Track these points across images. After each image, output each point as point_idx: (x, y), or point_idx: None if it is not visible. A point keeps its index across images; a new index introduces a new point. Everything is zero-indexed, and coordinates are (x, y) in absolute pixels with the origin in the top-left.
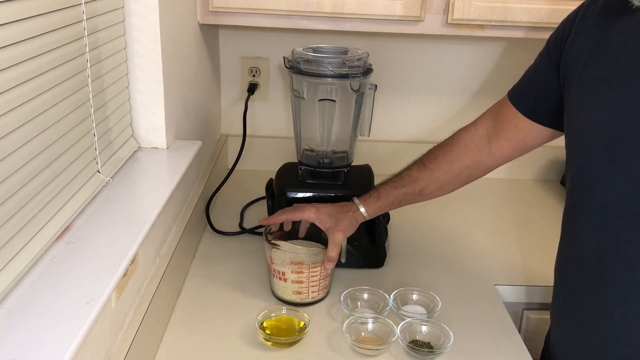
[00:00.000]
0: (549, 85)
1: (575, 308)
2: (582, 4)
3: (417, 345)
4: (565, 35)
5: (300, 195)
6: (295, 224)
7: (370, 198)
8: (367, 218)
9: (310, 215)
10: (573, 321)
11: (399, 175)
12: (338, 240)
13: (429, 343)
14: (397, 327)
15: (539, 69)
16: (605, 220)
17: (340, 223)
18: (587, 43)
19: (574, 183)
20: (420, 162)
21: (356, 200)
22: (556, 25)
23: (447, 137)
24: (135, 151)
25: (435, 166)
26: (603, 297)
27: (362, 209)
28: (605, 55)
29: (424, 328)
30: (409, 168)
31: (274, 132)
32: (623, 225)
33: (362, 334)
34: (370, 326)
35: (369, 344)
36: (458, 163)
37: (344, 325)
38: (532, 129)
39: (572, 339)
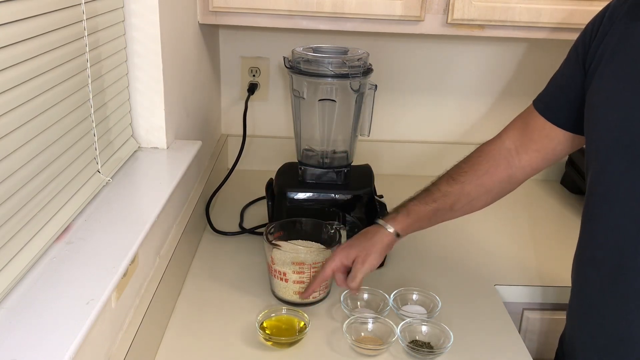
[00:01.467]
0: (577, 91)
1: (592, 309)
2: (609, 4)
3: (417, 345)
4: (593, 36)
5: (300, 195)
6: (295, 225)
7: (399, 216)
8: (398, 238)
9: (335, 261)
10: (590, 322)
11: (427, 190)
12: (365, 270)
13: (429, 343)
14: (397, 327)
15: (566, 74)
16: (625, 221)
17: (364, 252)
18: (611, 42)
19: (595, 183)
20: (449, 176)
21: (380, 222)
22: (556, 25)
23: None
24: (135, 151)
25: (466, 180)
26: (621, 299)
27: (391, 229)
28: (627, 55)
29: (424, 328)
30: (437, 183)
31: (274, 132)
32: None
33: (362, 334)
34: (370, 326)
35: (369, 344)
36: (489, 177)
37: (344, 325)
38: (563, 139)
39: (587, 339)
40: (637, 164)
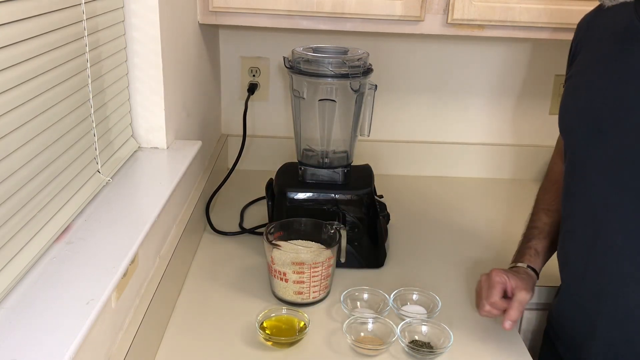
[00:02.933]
0: None
1: (574, 279)
2: (598, 5)
3: (417, 345)
4: (578, 36)
5: (300, 195)
6: (295, 225)
7: (532, 257)
8: (537, 278)
9: (502, 277)
10: (573, 289)
11: (535, 227)
12: (524, 299)
13: (428, 343)
14: (397, 327)
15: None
16: (594, 191)
17: (524, 282)
18: (586, 38)
19: (567, 162)
20: (544, 210)
21: (519, 264)
22: (556, 25)
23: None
24: (135, 151)
25: (558, 207)
26: (597, 264)
27: (530, 270)
28: (592, 45)
29: (424, 328)
30: (538, 219)
31: (274, 132)
32: (611, 192)
33: (362, 334)
34: (370, 326)
35: (369, 344)
36: (559, 200)
37: (344, 325)
38: None
39: (574, 307)
40: (598, 136)
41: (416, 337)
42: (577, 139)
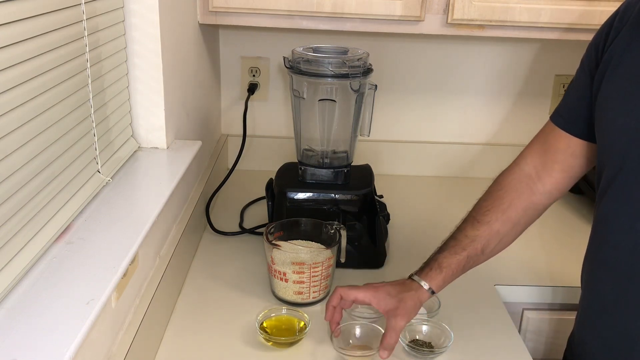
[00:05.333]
0: (593, 98)
1: (604, 311)
2: (618, 9)
3: (417, 344)
4: (602, 42)
5: (300, 195)
6: (295, 225)
7: (432, 271)
8: (432, 295)
9: (365, 295)
10: (601, 324)
11: (453, 238)
12: (399, 327)
13: (429, 343)
14: None
15: (581, 83)
16: (638, 223)
17: (402, 305)
18: (619, 47)
19: (608, 185)
20: (473, 219)
21: (415, 278)
22: (557, 25)
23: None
24: (135, 151)
25: (491, 218)
26: (634, 301)
27: (426, 286)
28: (634, 59)
29: (424, 328)
30: (461, 228)
31: (274, 132)
32: None
33: (351, 341)
34: (358, 332)
35: (358, 351)
36: (514, 209)
37: (332, 337)
38: (589, 152)
39: (598, 341)
40: None
41: (416, 337)
42: (623, 163)
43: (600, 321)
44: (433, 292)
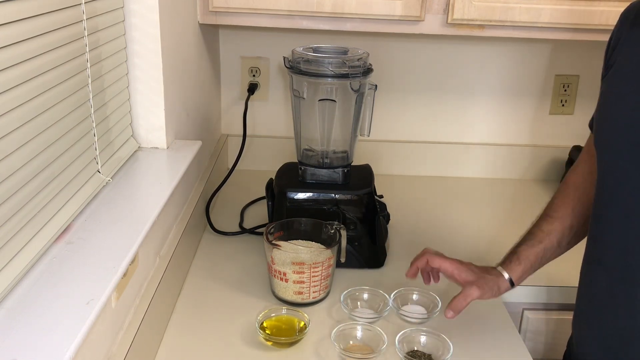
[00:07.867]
0: None
1: (601, 310)
2: (628, 6)
3: (415, 356)
4: (609, 45)
5: (300, 195)
6: (295, 225)
7: (511, 264)
8: (511, 287)
9: (450, 265)
10: (596, 324)
11: (530, 233)
12: (471, 294)
13: (429, 355)
14: (397, 336)
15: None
16: (631, 221)
17: (482, 280)
18: (622, 49)
19: (601, 182)
20: (546, 215)
21: (499, 268)
22: (557, 25)
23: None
24: (135, 151)
25: (563, 214)
26: (629, 299)
27: (507, 275)
28: (633, 58)
29: (422, 338)
30: (537, 224)
31: (274, 132)
32: None
33: (351, 342)
34: (359, 334)
35: (358, 352)
36: (582, 205)
37: (332, 334)
38: None
39: (595, 341)
40: None
41: (415, 348)
42: (616, 162)
43: (598, 321)
44: (512, 284)
